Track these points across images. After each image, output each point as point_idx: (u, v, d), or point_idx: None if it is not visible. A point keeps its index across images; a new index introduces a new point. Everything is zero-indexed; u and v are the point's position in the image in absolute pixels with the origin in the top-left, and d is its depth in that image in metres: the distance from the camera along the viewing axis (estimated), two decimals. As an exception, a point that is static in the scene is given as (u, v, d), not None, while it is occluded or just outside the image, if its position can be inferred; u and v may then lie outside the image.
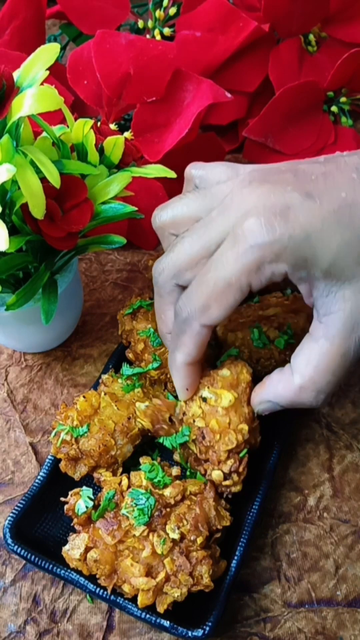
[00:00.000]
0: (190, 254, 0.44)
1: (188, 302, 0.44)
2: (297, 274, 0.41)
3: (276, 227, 0.39)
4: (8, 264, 0.51)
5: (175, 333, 0.47)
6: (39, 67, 0.48)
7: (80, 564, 0.48)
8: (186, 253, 0.45)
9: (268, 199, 0.40)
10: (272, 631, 0.51)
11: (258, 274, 0.40)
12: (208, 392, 0.48)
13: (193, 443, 0.49)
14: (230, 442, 0.46)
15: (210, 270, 0.42)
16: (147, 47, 0.74)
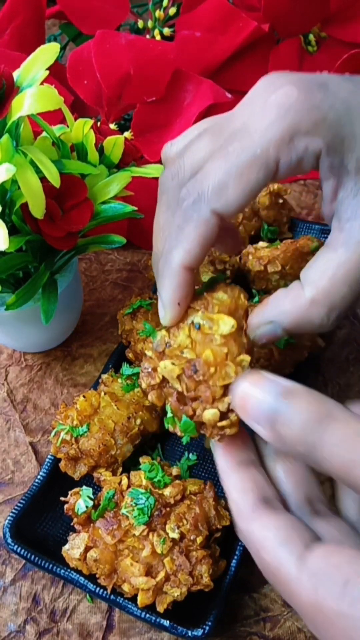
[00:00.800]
0: (208, 145, 0.37)
1: (200, 181, 0.37)
2: (330, 159, 0.35)
3: (316, 94, 0.34)
4: (8, 264, 0.51)
5: (177, 225, 0.38)
6: (38, 67, 0.48)
7: (80, 563, 0.48)
8: (204, 143, 0.38)
9: (303, 77, 0.35)
10: (272, 630, 0.51)
11: (290, 146, 0.35)
12: (201, 317, 0.40)
13: (177, 379, 0.41)
14: (228, 376, 0.39)
15: (232, 141, 0.36)
16: (147, 47, 0.74)
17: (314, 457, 0.32)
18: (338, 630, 0.31)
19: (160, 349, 0.42)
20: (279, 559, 0.34)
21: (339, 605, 0.31)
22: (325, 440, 0.32)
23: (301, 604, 0.33)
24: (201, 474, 0.57)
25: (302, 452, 0.33)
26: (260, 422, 0.34)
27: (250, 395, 0.35)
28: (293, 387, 0.34)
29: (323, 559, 0.33)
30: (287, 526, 0.35)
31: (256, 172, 0.35)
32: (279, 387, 0.34)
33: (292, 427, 0.33)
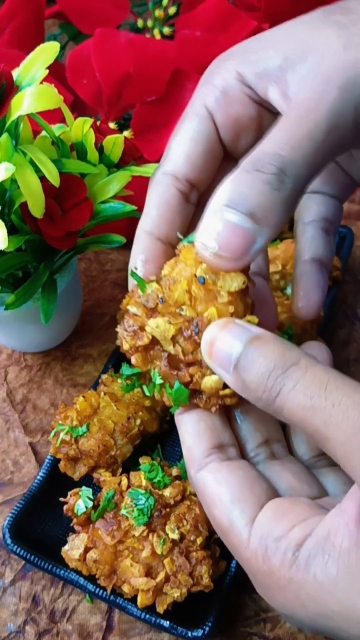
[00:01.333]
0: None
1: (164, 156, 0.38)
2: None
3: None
4: (7, 264, 0.51)
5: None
6: (38, 66, 0.48)
7: (80, 564, 0.48)
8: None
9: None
10: (272, 631, 0.51)
11: (210, 87, 0.37)
12: (205, 271, 0.35)
13: (171, 341, 0.36)
14: None
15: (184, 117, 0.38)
16: (147, 47, 0.74)
17: (274, 404, 0.32)
18: (289, 594, 0.32)
19: (152, 304, 0.37)
20: (231, 520, 0.34)
21: (289, 571, 0.31)
22: (287, 386, 0.31)
23: (251, 568, 0.34)
24: (201, 474, 0.57)
25: (263, 398, 0.32)
26: (224, 366, 0.34)
27: (218, 338, 0.34)
28: (262, 334, 0.33)
29: (274, 521, 0.33)
30: (240, 483, 0.35)
31: (189, 121, 0.37)
32: (248, 333, 0.34)
33: (254, 372, 0.32)
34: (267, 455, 0.39)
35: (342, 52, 0.33)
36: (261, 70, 0.36)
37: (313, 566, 0.30)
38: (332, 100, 0.32)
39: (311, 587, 0.30)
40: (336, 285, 0.67)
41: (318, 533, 0.31)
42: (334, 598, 0.30)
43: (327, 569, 0.30)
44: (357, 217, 0.78)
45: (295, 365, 0.32)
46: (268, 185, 0.32)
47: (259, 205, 0.32)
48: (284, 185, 0.32)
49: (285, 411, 0.32)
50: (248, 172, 0.32)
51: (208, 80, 0.38)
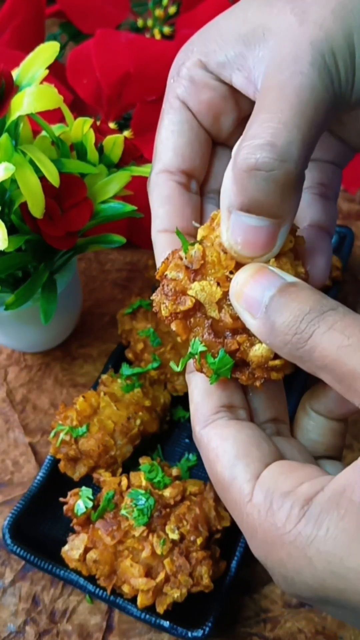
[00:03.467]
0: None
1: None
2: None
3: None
4: (7, 264, 0.51)
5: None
6: (38, 66, 0.48)
7: (80, 564, 0.48)
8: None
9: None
10: (272, 631, 0.51)
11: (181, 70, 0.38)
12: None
13: (216, 305, 0.34)
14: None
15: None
16: (147, 46, 0.74)
17: (304, 347, 0.31)
18: (294, 550, 0.30)
19: (197, 265, 0.34)
20: (234, 474, 0.33)
21: (297, 526, 0.30)
22: (322, 328, 0.30)
23: (251, 524, 0.32)
24: (201, 474, 0.57)
25: (292, 341, 0.31)
26: (252, 308, 0.32)
27: (251, 281, 0.33)
28: (298, 282, 0.33)
29: (281, 476, 0.32)
30: (247, 440, 0.34)
31: (166, 115, 0.38)
32: (282, 280, 0.32)
33: (286, 314, 0.31)
34: (274, 432, 0.38)
35: (298, 27, 0.33)
36: (222, 59, 0.36)
37: (326, 521, 0.29)
38: (309, 78, 0.32)
39: (323, 542, 0.29)
40: (336, 285, 0.67)
41: (332, 488, 0.30)
42: (350, 554, 0.28)
43: (344, 523, 0.28)
44: (357, 217, 0.78)
45: (333, 310, 0.31)
46: (273, 182, 0.31)
47: (271, 204, 0.32)
48: (288, 173, 0.31)
49: (317, 352, 0.30)
50: (247, 173, 0.31)
51: (175, 73, 0.38)
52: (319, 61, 0.32)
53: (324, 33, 0.32)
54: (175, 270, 0.34)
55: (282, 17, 0.33)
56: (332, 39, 0.32)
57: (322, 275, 0.38)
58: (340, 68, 0.32)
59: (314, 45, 0.32)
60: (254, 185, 0.31)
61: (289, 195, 0.32)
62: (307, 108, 0.31)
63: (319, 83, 0.32)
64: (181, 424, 0.61)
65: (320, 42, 0.32)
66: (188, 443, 0.60)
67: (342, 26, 0.32)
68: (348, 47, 0.32)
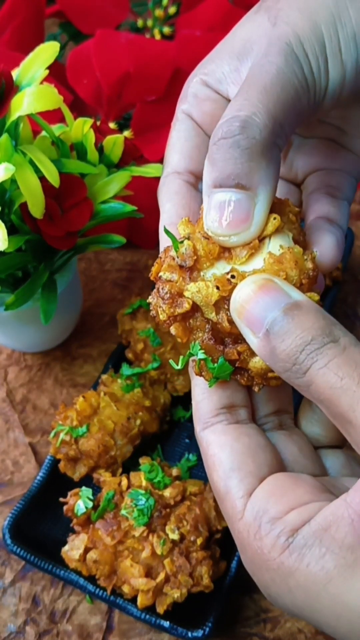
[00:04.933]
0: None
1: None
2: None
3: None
4: (7, 264, 0.51)
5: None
6: (38, 66, 0.48)
7: (80, 564, 0.48)
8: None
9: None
10: (272, 631, 0.51)
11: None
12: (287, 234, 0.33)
13: (213, 308, 0.33)
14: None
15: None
16: (147, 46, 0.74)
17: (302, 379, 0.31)
18: (277, 578, 0.31)
19: (189, 262, 0.32)
20: (228, 488, 0.33)
21: (280, 556, 0.30)
22: (319, 363, 0.30)
23: (242, 541, 0.33)
24: (201, 474, 0.57)
25: (292, 370, 0.31)
26: (254, 328, 0.32)
27: (253, 299, 0.32)
28: (303, 302, 0.32)
29: (272, 498, 0.32)
30: (243, 451, 0.34)
31: (174, 128, 0.41)
32: (287, 298, 0.32)
33: (287, 342, 0.31)
34: (275, 425, 0.38)
35: (271, 29, 0.35)
36: (220, 75, 0.38)
37: (308, 556, 0.29)
38: (276, 65, 0.34)
39: (302, 576, 0.30)
40: (336, 285, 0.67)
41: (318, 522, 0.30)
42: (326, 593, 0.29)
43: (324, 562, 0.29)
44: (357, 217, 0.78)
45: (334, 343, 0.30)
46: (238, 148, 0.32)
47: (238, 171, 0.32)
48: (252, 140, 0.32)
49: (313, 388, 0.30)
50: (216, 144, 0.33)
51: (183, 96, 0.41)
52: (285, 49, 0.34)
53: (291, 28, 0.35)
54: (169, 271, 0.33)
55: (262, 26, 0.36)
56: (299, 31, 0.35)
57: (329, 258, 0.37)
58: (309, 56, 0.34)
59: (281, 39, 0.34)
60: (221, 155, 0.32)
61: (256, 164, 0.32)
62: (271, 87, 0.33)
63: (286, 67, 0.34)
64: (181, 424, 0.61)
65: (287, 35, 0.34)
66: (188, 443, 0.60)
67: (309, 20, 0.35)
68: (316, 38, 0.35)
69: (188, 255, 0.33)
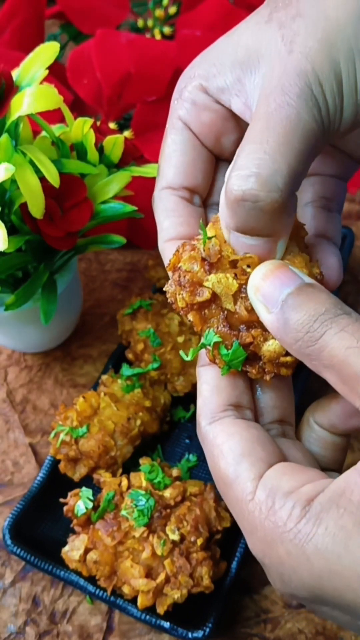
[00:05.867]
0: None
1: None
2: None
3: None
4: (7, 264, 0.51)
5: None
6: (38, 66, 0.48)
7: (80, 565, 0.48)
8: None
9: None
10: (272, 632, 0.50)
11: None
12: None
13: (231, 297, 0.35)
14: None
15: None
16: (148, 47, 0.74)
17: (315, 346, 0.32)
18: (294, 548, 0.30)
19: (214, 258, 0.35)
20: (238, 472, 0.33)
21: (297, 525, 0.30)
22: (333, 329, 0.31)
23: (252, 521, 0.32)
24: (201, 475, 0.57)
25: (304, 339, 0.32)
26: (269, 303, 0.33)
27: (271, 276, 0.34)
28: (315, 283, 0.34)
29: (284, 477, 0.32)
30: (253, 439, 0.35)
31: (169, 136, 0.40)
32: (300, 280, 0.34)
33: (302, 312, 0.32)
34: (279, 433, 0.39)
35: (287, 56, 0.34)
36: (222, 84, 0.37)
37: (325, 519, 0.30)
38: (296, 109, 0.33)
39: (321, 539, 0.30)
40: (337, 285, 0.67)
41: (332, 489, 0.31)
42: (347, 551, 0.29)
43: (343, 522, 0.29)
44: (357, 217, 0.78)
45: (347, 315, 0.32)
46: (260, 211, 0.33)
47: (262, 227, 0.34)
48: (273, 202, 0.32)
49: (326, 352, 0.31)
50: (237, 203, 0.33)
51: (178, 96, 0.40)
52: (306, 92, 0.33)
53: (311, 64, 0.33)
54: (190, 262, 0.35)
55: (274, 43, 0.34)
56: (318, 69, 0.33)
57: (336, 275, 0.39)
58: (327, 97, 0.33)
59: (300, 77, 0.33)
60: (243, 213, 0.33)
61: (279, 219, 0.33)
62: (292, 138, 0.33)
63: (306, 113, 0.33)
64: (181, 425, 0.61)
65: (306, 73, 0.33)
66: (188, 443, 0.60)
67: (329, 55, 0.33)
68: (335, 76, 0.34)
69: (214, 252, 0.35)
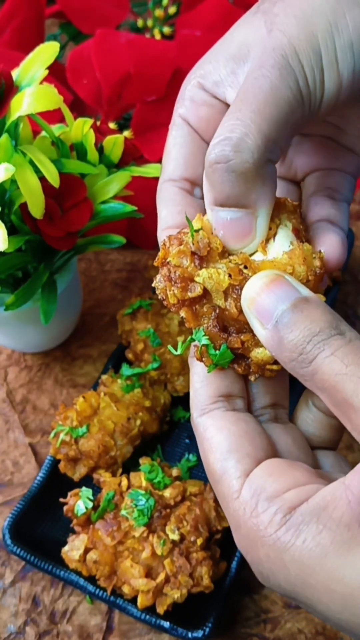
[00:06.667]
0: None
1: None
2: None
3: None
4: (7, 264, 0.51)
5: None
6: (38, 66, 0.48)
7: (80, 565, 0.48)
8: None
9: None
10: (272, 632, 0.50)
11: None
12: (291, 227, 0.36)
13: (222, 294, 0.34)
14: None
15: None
16: (147, 47, 0.74)
17: (308, 368, 0.32)
18: (272, 553, 0.31)
19: (203, 252, 0.34)
20: (225, 469, 0.34)
21: (277, 532, 0.31)
22: (325, 352, 0.31)
23: (237, 520, 0.33)
24: (201, 475, 0.57)
25: (298, 360, 0.32)
26: (263, 319, 0.33)
27: (265, 292, 0.33)
28: (311, 297, 0.33)
29: (270, 478, 0.33)
30: (241, 434, 0.35)
31: (171, 134, 0.40)
32: (296, 293, 0.33)
33: (296, 332, 0.32)
34: (271, 417, 0.39)
35: (267, 36, 0.35)
36: (217, 78, 0.38)
37: (305, 532, 0.30)
38: (269, 78, 0.33)
39: (298, 551, 0.30)
40: (336, 285, 0.67)
41: (316, 501, 0.31)
42: (321, 568, 0.30)
43: (321, 538, 0.30)
44: (357, 217, 0.78)
45: (340, 335, 0.32)
46: (232, 172, 0.33)
47: (235, 193, 0.34)
48: (245, 164, 0.33)
49: (318, 376, 0.31)
50: (211, 168, 0.33)
51: (180, 97, 0.41)
52: (280, 62, 0.34)
53: (287, 38, 0.34)
54: (179, 257, 0.34)
55: (258, 30, 0.36)
56: (295, 42, 0.34)
57: (337, 255, 0.38)
58: (306, 69, 0.34)
59: (276, 50, 0.34)
60: (217, 178, 0.33)
61: (252, 184, 0.33)
62: (264, 106, 0.33)
63: (280, 82, 0.33)
64: (181, 425, 0.61)
65: (282, 46, 0.34)
66: (188, 443, 0.60)
67: (306, 29, 0.34)
68: (312, 48, 0.34)
69: (203, 245, 0.34)
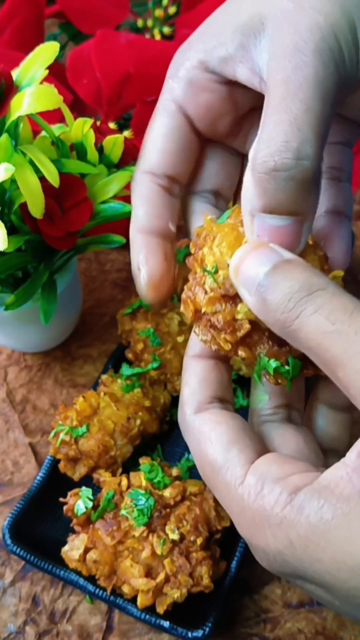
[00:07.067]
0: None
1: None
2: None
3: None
4: (7, 264, 0.51)
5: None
6: (38, 66, 0.48)
7: (80, 564, 0.48)
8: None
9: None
10: (272, 632, 0.51)
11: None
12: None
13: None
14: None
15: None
16: (147, 47, 0.74)
17: (291, 327, 0.31)
18: (279, 532, 0.31)
19: (232, 291, 0.35)
20: (227, 458, 0.34)
21: (283, 510, 0.31)
22: (308, 309, 0.31)
23: (240, 505, 0.33)
24: (201, 474, 0.57)
25: (280, 319, 0.31)
26: (248, 286, 0.33)
27: (248, 258, 0.33)
28: (293, 259, 0.33)
29: (275, 464, 0.33)
30: (240, 428, 0.35)
31: (159, 117, 0.39)
32: (278, 256, 0.33)
33: (277, 292, 0.32)
34: (284, 417, 0.39)
35: (296, 13, 0.32)
36: (224, 54, 0.35)
37: (307, 508, 0.30)
38: (313, 67, 0.31)
39: (303, 527, 0.30)
40: (336, 285, 0.67)
41: (319, 481, 0.31)
42: (325, 541, 0.30)
43: (322, 512, 0.30)
44: (357, 217, 0.78)
45: (322, 290, 0.31)
46: (292, 181, 0.32)
47: (292, 202, 0.33)
48: (306, 170, 0.32)
49: (303, 334, 0.31)
50: (268, 175, 0.32)
51: (173, 74, 0.38)
52: (321, 47, 0.31)
53: (323, 17, 0.32)
54: (212, 304, 0.35)
55: (278, 3, 0.33)
56: (332, 21, 0.32)
57: (343, 260, 0.39)
58: (344, 49, 0.32)
59: (314, 32, 0.32)
60: (274, 186, 0.32)
61: (309, 192, 0.32)
62: (315, 102, 0.31)
63: (323, 71, 0.31)
64: (181, 424, 0.61)
65: (320, 27, 0.31)
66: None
67: (341, 7, 0.32)
68: (349, 27, 0.32)
69: (229, 283, 0.34)
